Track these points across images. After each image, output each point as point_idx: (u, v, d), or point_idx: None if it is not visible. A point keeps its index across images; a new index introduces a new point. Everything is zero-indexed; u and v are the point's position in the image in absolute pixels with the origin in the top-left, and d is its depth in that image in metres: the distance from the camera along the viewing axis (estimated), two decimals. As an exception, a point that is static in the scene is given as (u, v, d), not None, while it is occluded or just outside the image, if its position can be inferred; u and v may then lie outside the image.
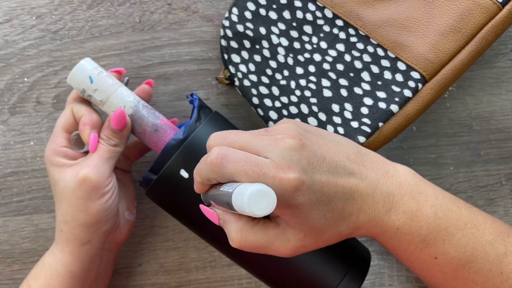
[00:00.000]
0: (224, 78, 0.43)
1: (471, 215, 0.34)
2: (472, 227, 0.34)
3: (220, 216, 0.32)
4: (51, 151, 0.38)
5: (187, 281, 0.45)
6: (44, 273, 0.38)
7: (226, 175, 0.29)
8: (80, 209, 0.36)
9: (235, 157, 0.29)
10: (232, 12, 0.42)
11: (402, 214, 0.32)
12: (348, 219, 0.31)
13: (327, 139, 0.33)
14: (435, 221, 0.33)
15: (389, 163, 0.34)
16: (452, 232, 0.33)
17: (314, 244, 0.31)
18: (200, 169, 0.31)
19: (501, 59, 0.46)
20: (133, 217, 0.42)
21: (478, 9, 0.39)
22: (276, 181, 0.28)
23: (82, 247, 0.38)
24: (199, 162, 0.31)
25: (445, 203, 0.34)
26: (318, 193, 0.30)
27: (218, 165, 0.29)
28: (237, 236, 0.31)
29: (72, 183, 0.36)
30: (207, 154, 0.31)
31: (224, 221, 0.32)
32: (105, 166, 0.37)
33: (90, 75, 0.38)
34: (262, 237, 0.31)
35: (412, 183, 0.34)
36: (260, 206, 0.24)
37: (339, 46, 0.41)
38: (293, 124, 0.32)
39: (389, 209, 0.32)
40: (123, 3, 0.46)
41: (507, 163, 0.46)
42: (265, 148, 0.30)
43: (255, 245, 0.31)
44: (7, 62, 0.45)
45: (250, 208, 0.24)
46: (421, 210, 0.33)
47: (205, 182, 0.31)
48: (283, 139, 0.30)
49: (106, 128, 0.38)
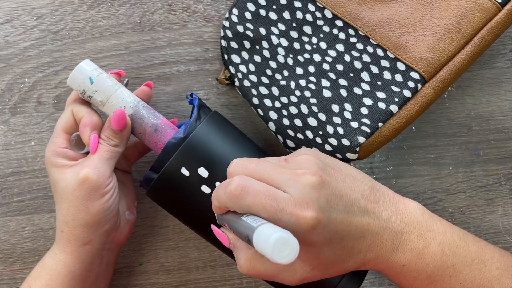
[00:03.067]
0: (224, 79, 0.43)
1: (479, 250, 0.34)
2: (479, 263, 0.34)
3: (231, 240, 0.33)
4: (51, 152, 0.38)
5: (188, 281, 0.45)
6: (45, 274, 0.38)
7: (244, 207, 0.29)
8: (81, 209, 0.36)
9: (254, 190, 0.29)
10: (232, 13, 0.42)
11: (408, 252, 0.33)
12: (356, 256, 0.32)
13: (344, 173, 0.33)
14: (442, 258, 0.33)
15: (400, 199, 0.35)
16: (459, 269, 0.33)
17: (320, 276, 0.32)
18: (218, 196, 0.31)
19: (500, 59, 0.46)
20: (133, 217, 0.42)
21: (477, 10, 0.39)
22: (293, 218, 0.29)
23: (83, 247, 0.38)
24: (218, 187, 0.32)
25: (453, 239, 0.34)
26: (332, 232, 0.30)
27: (237, 197, 0.29)
28: (245, 265, 0.31)
29: (72, 183, 0.37)
30: (227, 181, 0.31)
31: (234, 246, 0.32)
32: (105, 166, 0.37)
33: (90, 76, 0.38)
34: (270, 268, 0.31)
35: (421, 221, 0.34)
36: (283, 254, 0.24)
37: (339, 47, 0.41)
38: (313, 156, 0.32)
39: (396, 247, 0.33)
40: (123, 4, 0.46)
41: (506, 163, 0.46)
42: (285, 182, 0.30)
43: (263, 274, 0.31)
44: (8, 62, 0.46)
45: (273, 255, 0.24)
46: (428, 248, 0.33)
47: (222, 207, 0.32)
48: (303, 174, 0.30)
49: (106, 129, 0.38)
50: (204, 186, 0.37)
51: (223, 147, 0.38)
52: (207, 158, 0.37)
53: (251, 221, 0.28)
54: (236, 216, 0.31)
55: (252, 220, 0.28)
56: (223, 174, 0.37)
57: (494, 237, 0.46)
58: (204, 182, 0.37)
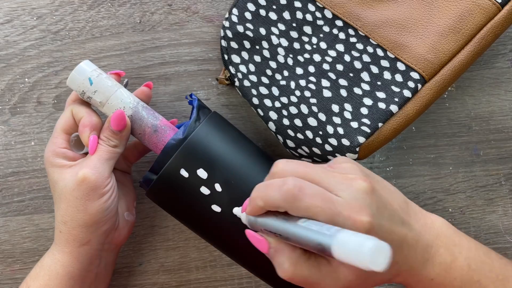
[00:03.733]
0: (224, 79, 0.43)
1: (503, 267, 0.35)
2: (504, 278, 0.34)
3: (272, 245, 0.31)
4: (50, 152, 0.38)
5: (187, 281, 0.45)
6: (43, 274, 0.38)
7: (302, 209, 0.29)
8: (79, 209, 0.36)
9: (312, 192, 0.29)
10: (232, 13, 0.42)
11: (437, 266, 0.33)
12: (393, 267, 0.32)
13: (382, 184, 0.33)
14: (469, 273, 0.34)
15: (427, 214, 0.35)
16: (485, 284, 0.34)
17: (357, 286, 0.31)
18: (268, 195, 0.30)
19: (500, 59, 0.46)
20: (132, 218, 0.42)
21: (477, 10, 0.39)
22: (350, 221, 0.28)
23: (81, 247, 0.38)
24: (266, 186, 0.31)
25: (478, 255, 0.35)
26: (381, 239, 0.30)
27: (295, 197, 0.29)
28: (290, 269, 0.30)
29: (71, 184, 0.37)
30: (277, 180, 0.30)
31: (276, 251, 0.31)
32: (104, 166, 0.37)
33: (90, 77, 0.38)
34: (315, 273, 0.30)
35: (447, 235, 0.34)
36: (378, 262, 0.24)
37: (339, 47, 0.41)
38: (354, 164, 0.33)
39: (426, 260, 0.33)
40: (123, 4, 0.46)
41: (506, 163, 0.46)
42: (338, 186, 0.30)
43: (306, 279, 0.31)
44: (8, 62, 0.46)
45: (371, 263, 0.24)
46: (455, 262, 0.34)
47: (268, 208, 0.31)
48: (355, 179, 0.31)
49: (106, 129, 0.38)
50: (203, 187, 0.37)
51: (223, 148, 0.38)
52: (206, 159, 0.37)
53: (316, 226, 0.27)
54: (288, 219, 0.29)
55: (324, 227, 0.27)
56: (222, 175, 0.37)
57: (494, 237, 0.46)
58: (203, 183, 0.37)
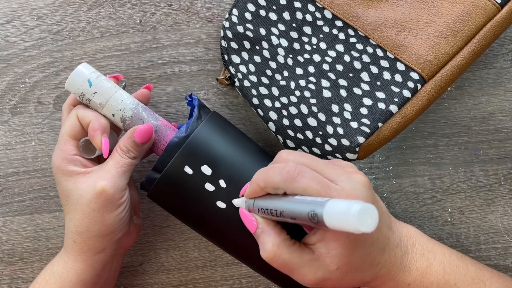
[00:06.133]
0: (224, 79, 0.43)
1: (478, 271, 0.36)
2: (479, 282, 0.35)
3: (260, 225, 0.33)
4: (61, 160, 0.37)
5: (188, 280, 0.46)
6: (54, 281, 0.38)
7: (299, 189, 0.30)
8: (96, 221, 0.36)
9: (310, 176, 0.31)
10: (232, 13, 0.42)
11: (414, 271, 0.34)
12: (374, 268, 0.33)
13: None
14: (445, 277, 0.35)
15: (402, 224, 0.37)
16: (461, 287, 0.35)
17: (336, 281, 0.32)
18: (269, 176, 0.32)
19: (499, 59, 0.46)
20: (140, 220, 0.42)
21: (477, 10, 0.39)
22: None
23: (96, 255, 0.37)
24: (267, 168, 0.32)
25: (452, 259, 0.36)
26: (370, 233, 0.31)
27: (294, 178, 0.30)
28: (273, 250, 0.31)
29: (88, 195, 0.36)
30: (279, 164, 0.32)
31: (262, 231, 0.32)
32: (122, 178, 0.37)
33: (89, 79, 0.38)
34: (295, 258, 0.31)
35: (422, 243, 0.36)
36: (366, 223, 0.25)
37: (339, 47, 0.41)
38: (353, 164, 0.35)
39: (404, 266, 0.34)
40: (124, 4, 0.46)
41: (505, 163, 0.46)
42: (338, 177, 0.31)
43: (286, 263, 0.31)
44: (8, 62, 0.46)
45: (360, 224, 0.24)
46: (430, 267, 0.35)
47: (266, 189, 0.32)
48: (355, 173, 0.32)
49: (128, 140, 0.37)
50: (208, 184, 0.37)
51: (226, 145, 0.38)
52: (210, 156, 0.37)
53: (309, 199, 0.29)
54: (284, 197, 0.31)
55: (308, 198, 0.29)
56: (226, 171, 0.37)
57: (493, 237, 0.46)
58: (208, 180, 0.37)
